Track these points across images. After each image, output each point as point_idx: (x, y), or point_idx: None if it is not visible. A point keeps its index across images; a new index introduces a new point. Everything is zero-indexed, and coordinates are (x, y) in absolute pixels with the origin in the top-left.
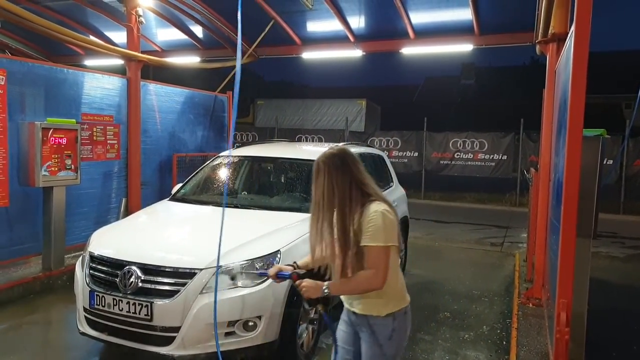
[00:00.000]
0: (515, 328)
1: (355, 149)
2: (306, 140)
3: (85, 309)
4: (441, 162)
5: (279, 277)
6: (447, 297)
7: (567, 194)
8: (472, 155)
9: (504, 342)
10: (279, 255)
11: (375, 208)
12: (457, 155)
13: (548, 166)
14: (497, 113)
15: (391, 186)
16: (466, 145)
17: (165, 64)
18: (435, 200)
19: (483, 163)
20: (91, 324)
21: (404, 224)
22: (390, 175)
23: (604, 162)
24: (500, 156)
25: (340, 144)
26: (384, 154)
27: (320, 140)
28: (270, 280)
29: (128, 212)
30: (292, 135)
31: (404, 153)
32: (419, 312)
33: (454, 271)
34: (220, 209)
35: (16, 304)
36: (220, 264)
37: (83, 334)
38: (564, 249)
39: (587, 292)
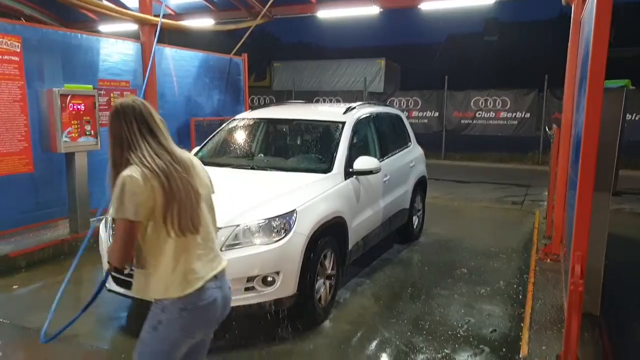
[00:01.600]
0: (531, 282)
1: (372, 109)
2: (324, 102)
3: None
4: (462, 121)
5: None
6: (465, 254)
7: (586, 146)
8: (494, 114)
9: (520, 297)
10: (295, 214)
11: (123, 173)
12: (479, 114)
13: (570, 122)
14: (521, 70)
15: (409, 146)
16: (488, 104)
17: (179, 26)
18: (456, 160)
19: (505, 122)
20: (117, 281)
21: (422, 184)
22: (408, 135)
23: (633, 117)
24: (523, 114)
25: (355, 104)
26: (402, 114)
27: (338, 102)
28: (287, 238)
29: None
30: (310, 97)
31: (424, 113)
32: (435, 268)
33: (472, 229)
34: (239, 170)
35: (48, 264)
36: (238, 223)
37: (110, 290)
38: (580, 201)
39: (604, 246)
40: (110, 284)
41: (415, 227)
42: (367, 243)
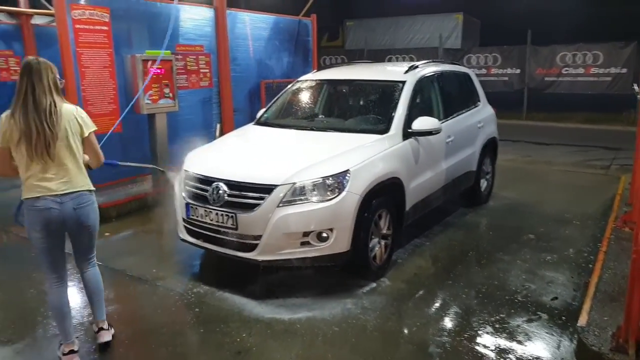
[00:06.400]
0: (603, 251)
1: (437, 67)
2: (397, 60)
3: (183, 219)
4: (546, 78)
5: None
6: (535, 220)
7: None
8: (583, 70)
9: (590, 265)
10: (348, 174)
11: None
12: (565, 70)
13: None
14: (616, 20)
15: (477, 105)
16: (576, 59)
17: None
18: (538, 121)
19: (597, 78)
20: (189, 232)
21: (492, 145)
22: (477, 94)
23: None
24: (618, 69)
25: (419, 62)
26: (472, 72)
27: (411, 59)
28: (340, 197)
29: None
30: (382, 56)
31: (504, 70)
32: (500, 233)
33: (547, 194)
34: (300, 131)
35: (134, 215)
36: (295, 181)
37: (183, 240)
38: None
39: None
40: (183, 235)
41: (483, 190)
42: (427, 205)
